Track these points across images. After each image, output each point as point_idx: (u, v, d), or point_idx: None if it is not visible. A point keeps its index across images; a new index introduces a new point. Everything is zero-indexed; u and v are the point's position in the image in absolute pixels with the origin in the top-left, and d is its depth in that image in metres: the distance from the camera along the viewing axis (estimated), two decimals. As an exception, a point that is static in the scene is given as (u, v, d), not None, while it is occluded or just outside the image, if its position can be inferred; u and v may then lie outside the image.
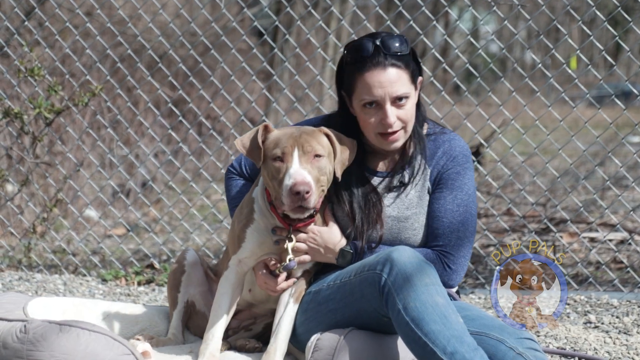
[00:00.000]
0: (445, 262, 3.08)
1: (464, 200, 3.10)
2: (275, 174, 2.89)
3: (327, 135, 2.98)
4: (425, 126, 3.21)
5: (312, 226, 3.04)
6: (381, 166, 3.18)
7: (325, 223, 3.09)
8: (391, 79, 3.00)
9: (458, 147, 3.14)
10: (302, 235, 3.03)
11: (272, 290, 3.07)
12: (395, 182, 3.13)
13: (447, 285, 3.10)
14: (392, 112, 3.01)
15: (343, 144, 3.00)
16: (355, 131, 3.17)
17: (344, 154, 2.99)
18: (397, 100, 3.01)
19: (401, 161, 3.15)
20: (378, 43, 3.01)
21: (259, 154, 2.95)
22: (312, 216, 3.02)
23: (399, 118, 3.02)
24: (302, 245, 3.04)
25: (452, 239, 3.09)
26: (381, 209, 3.09)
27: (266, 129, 2.98)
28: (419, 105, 3.16)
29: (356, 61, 3.04)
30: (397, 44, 3.02)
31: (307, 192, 2.82)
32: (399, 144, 3.07)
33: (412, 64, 3.06)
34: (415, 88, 3.09)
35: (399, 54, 3.02)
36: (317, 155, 2.90)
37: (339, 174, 2.97)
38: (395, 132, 3.04)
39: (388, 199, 3.12)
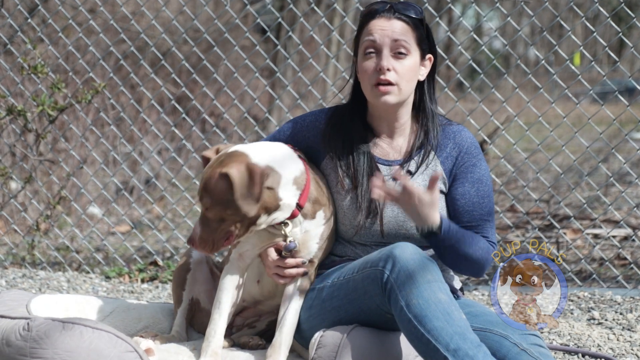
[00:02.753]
0: (492, 252, 3.10)
1: (486, 192, 3.12)
2: None
3: (226, 176, 2.81)
4: None
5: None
6: (389, 153, 3.16)
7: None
8: (394, 27, 3.03)
9: (468, 139, 3.15)
10: (418, 189, 2.88)
11: (282, 277, 3.05)
12: (403, 170, 3.12)
13: (480, 275, 3.11)
14: (388, 57, 3.02)
15: (251, 178, 2.81)
16: (363, 116, 3.18)
17: (251, 190, 2.81)
18: (396, 50, 3.02)
19: (409, 148, 3.14)
20: (392, 4, 3.08)
21: None
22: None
23: (395, 70, 3.02)
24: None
25: (488, 229, 3.11)
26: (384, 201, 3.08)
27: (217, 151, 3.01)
28: (432, 92, 3.17)
29: (367, 14, 3.10)
30: (409, 8, 3.07)
31: (194, 246, 2.92)
32: (390, 98, 3.04)
33: (421, 30, 3.07)
34: (422, 57, 3.09)
35: (408, 15, 3.06)
36: (207, 209, 2.88)
37: (247, 210, 2.82)
38: (388, 84, 3.02)
39: (395, 187, 3.10)
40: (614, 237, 6.09)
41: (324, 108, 3.29)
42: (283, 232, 3.00)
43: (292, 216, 3.01)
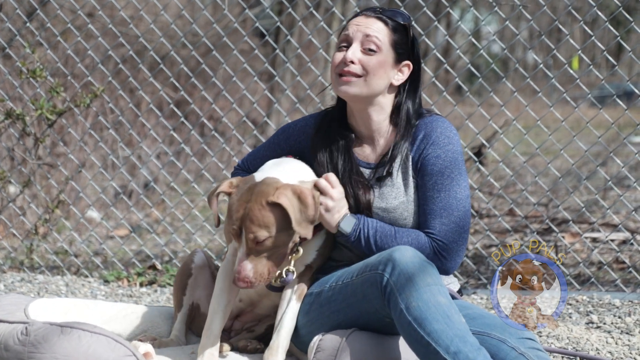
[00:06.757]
0: (436, 248, 3.04)
1: (445, 185, 3.04)
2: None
3: (277, 205, 2.79)
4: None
5: (337, 190, 3.00)
6: (370, 156, 3.16)
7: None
8: (370, 23, 3.05)
9: (439, 129, 3.08)
10: (335, 192, 2.98)
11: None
12: (383, 172, 3.11)
13: (441, 271, 3.08)
14: (356, 50, 3.04)
15: (303, 202, 2.83)
16: (345, 117, 3.19)
17: (306, 213, 2.83)
18: (367, 46, 3.03)
19: (388, 150, 3.12)
20: (382, 8, 3.10)
21: (216, 219, 2.95)
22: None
23: (361, 63, 3.03)
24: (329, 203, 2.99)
25: (436, 225, 3.03)
26: (371, 199, 3.08)
27: (230, 186, 2.93)
28: (413, 96, 3.13)
29: (353, 15, 3.13)
30: (395, 12, 3.09)
31: (248, 285, 2.82)
32: (350, 89, 3.05)
33: (400, 34, 3.07)
34: (396, 61, 3.08)
35: (390, 17, 3.07)
36: (260, 242, 2.80)
37: (305, 233, 2.85)
38: (351, 74, 3.03)
39: (375, 189, 3.10)
40: (612, 240, 6.09)
41: (314, 113, 3.30)
42: (290, 258, 2.99)
43: None
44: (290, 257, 2.98)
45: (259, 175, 2.91)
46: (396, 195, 3.08)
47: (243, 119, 5.98)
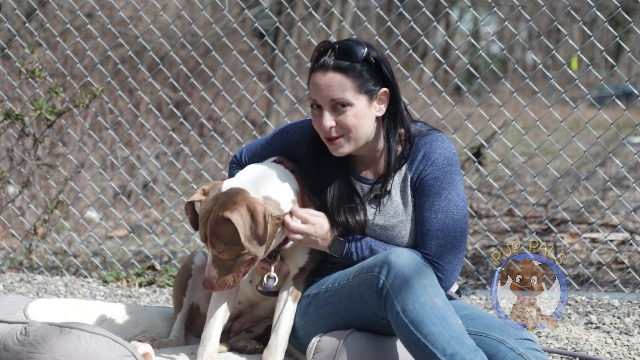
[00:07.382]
0: (433, 269, 3.00)
1: (442, 207, 3.00)
2: None
3: (230, 221, 2.81)
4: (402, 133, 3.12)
5: (311, 216, 3.00)
6: (368, 173, 3.12)
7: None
8: (328, 83, 2.93)
9: (439, 150, 3.03)
10: (302, 227, 2.97)
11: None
12: (380, 189, 3.07)
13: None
14: (328, 116, 2.95)
15: (254, 220, 2.82)
16: None
17: (256, 231, 2.83)
18: (337, 106, 2.94)
19: (386, 168, 3.07)
20: (335, 46, 2.97)
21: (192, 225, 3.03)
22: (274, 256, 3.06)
23: (339, 124, 2.94)
24: (298, 237, 2.99)
25: (432, 247, 3.01)
26: (364, 221, 3.05)
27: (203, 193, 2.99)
28: (394, 118, 3.04)
29: (311, 66, 3.02)
30: (349, 50, 2.94)
31: (214, 289, 2.89)
32: (343, 150, 2.99)
33: (362, 72, 2.95)
34: (370, 98, 2.97)
35: (346, 61, 2.94)
36: (220, 252, 2.86)
37: (255, 251, 2.85)
38: (336, 138, 2.97)
39: (373, 206, 3.07)
40: (611, 241, 6.09)
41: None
42: (270, 264, 3.03)
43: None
44: (269, 263, 3.02)
45: (227, 184, 2.92)
46: (395, 214, 3.05)
47: (242, 119, 5.98)
